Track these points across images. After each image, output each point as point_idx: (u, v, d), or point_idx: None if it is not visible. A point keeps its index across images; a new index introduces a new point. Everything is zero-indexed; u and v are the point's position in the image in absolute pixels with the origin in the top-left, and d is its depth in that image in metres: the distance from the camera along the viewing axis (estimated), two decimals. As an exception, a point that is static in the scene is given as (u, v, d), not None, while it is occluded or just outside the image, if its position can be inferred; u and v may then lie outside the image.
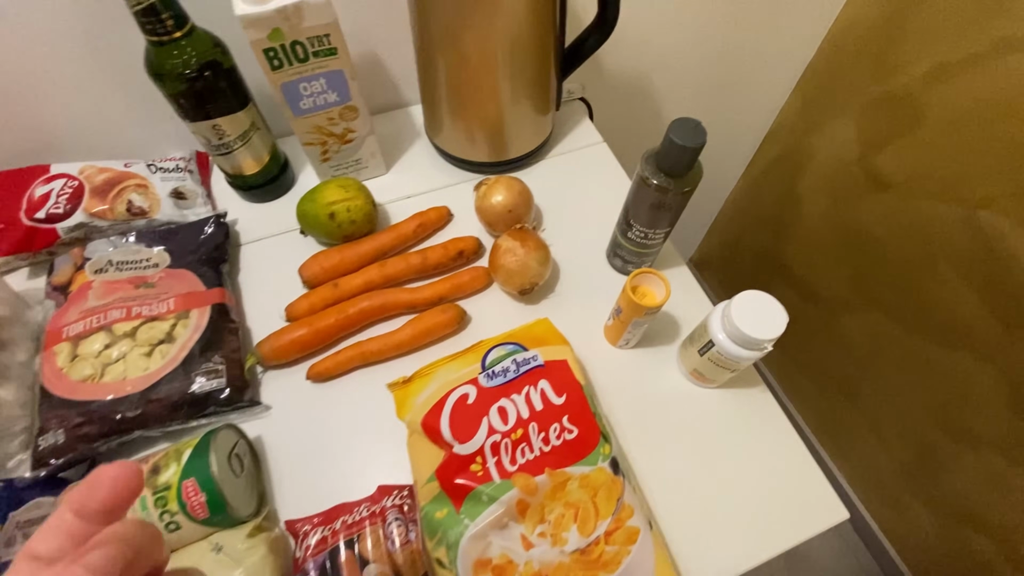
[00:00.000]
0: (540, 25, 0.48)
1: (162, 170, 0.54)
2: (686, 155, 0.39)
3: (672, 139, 0.38)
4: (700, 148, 0.39)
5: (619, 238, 0.49)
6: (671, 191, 0.41)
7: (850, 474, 1.14)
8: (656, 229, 0.46)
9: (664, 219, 0.45)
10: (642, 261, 0.51)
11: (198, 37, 0.44)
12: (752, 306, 0.39)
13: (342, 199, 0.49)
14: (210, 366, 0.44)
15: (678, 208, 0.44)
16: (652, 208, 0.44)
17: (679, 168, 0.40)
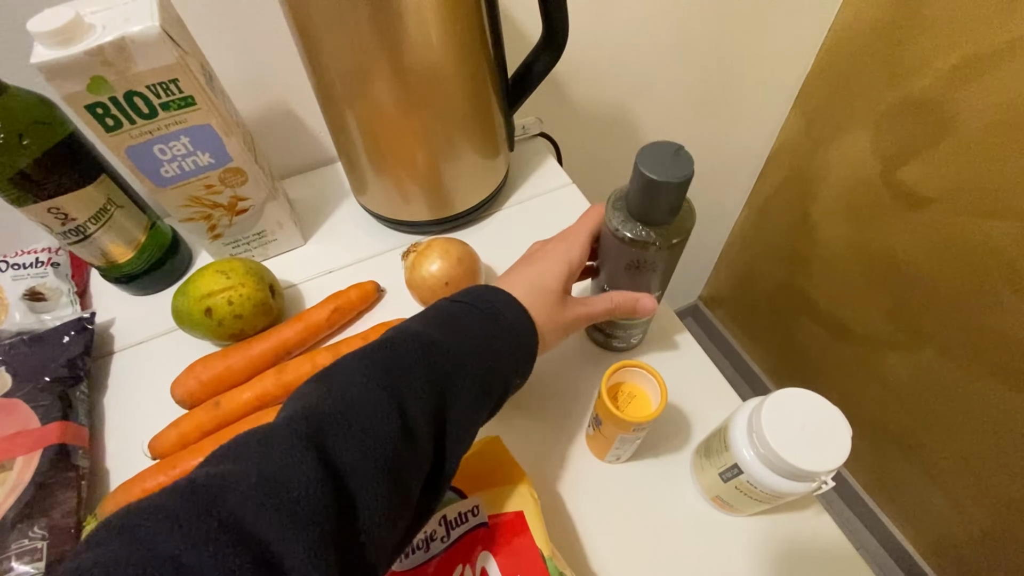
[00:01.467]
0: (466, 50, 0.38)
1: (16, 266, 0.43)
2: (667, 194, 0.27)
3: (644, 174, 0.26)
4: (686, 183, 0.27)
5: None
6: (653, 245, 0.29)
7: (917, 540, 0.96)
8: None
9: (650, 282, 0.33)
10: (629, 335, 0.38)
11: (13, 99, 0.33)
12: (793, 415, 0.25)
13: (221, 289, 0.37)
14: (26, 544, 0.31)
15: (667, 265, 0.32)
16: (631, 269, 0.31)
17: (660, 213, 0.28)
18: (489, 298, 0.28)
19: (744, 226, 1.08)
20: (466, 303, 0.27)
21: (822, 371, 1.02)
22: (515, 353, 0.27)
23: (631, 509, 0.34)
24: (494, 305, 0.27)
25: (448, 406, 0.23)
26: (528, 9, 0.40)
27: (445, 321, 0.26)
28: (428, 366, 0.23)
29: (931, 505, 0.90)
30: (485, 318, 0.26)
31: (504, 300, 0.28)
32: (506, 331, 0.27)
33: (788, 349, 1.09)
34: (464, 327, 0.26)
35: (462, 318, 0.26)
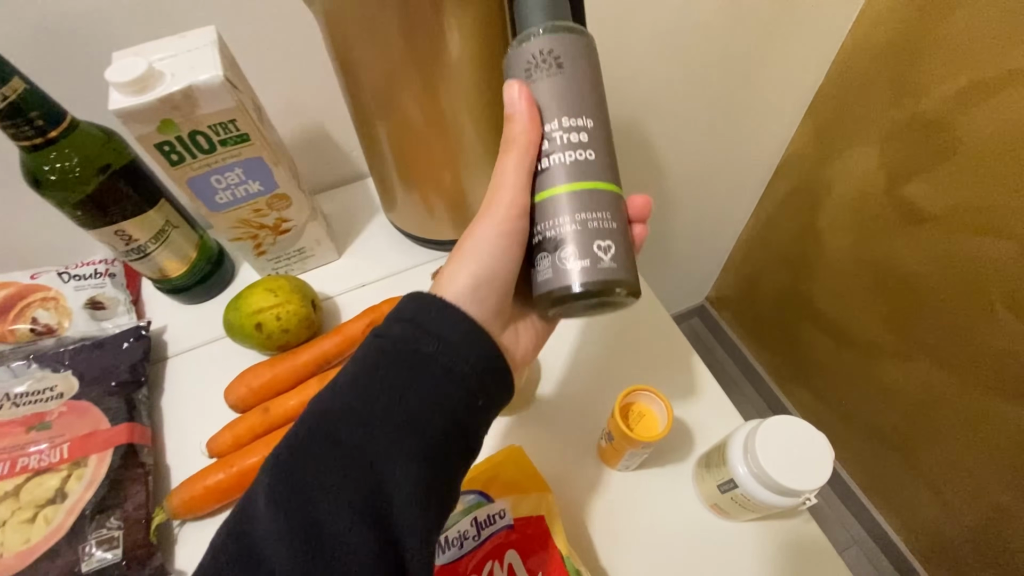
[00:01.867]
0: (492, 75, 0.40)
1: (76, 277, 0.47)
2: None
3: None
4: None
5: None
6: (545, 34, 0.24)
7: (909, 539, 1.00)
8: (564, 118, 0.24)
9: (566, 92, 0.25)
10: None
11: (83, 134, 0.37)
12: (785, 439, 0.29)
13: (270, 306, 0.41)
14: (104, 533, 0.35)
15: (576, 63, 0.25)
16: (539, 88, 0.24)
17: (541, 8, 0.25)
18: (424, 323, 0.22)
19: (752, 232, 1.10)
20: (394, 340, 0.22)
21: (823, 374, 1.05)
22: (470, 392, 0.22)
23: (638, 512, 0.38)
24: (430, 332, 0.21)
25: (389, 499, 0.19)
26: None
27: (365, 386, 0.21)
28: (343, 467, 0.19)
29: (922, 506, 0.93)
30: (419, 361, 0.21)
31: (443, 319, 0.22)
32: (453, 373, 0.21)
33: (791, 352, 1.12)
34: (390, 385, 0.21)
35: (388, 371, 0.21)
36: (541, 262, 0.23)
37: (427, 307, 0.22)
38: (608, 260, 0.22)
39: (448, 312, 0.22)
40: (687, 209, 0.99)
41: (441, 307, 0.22)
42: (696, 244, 1.12)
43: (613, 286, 0.22)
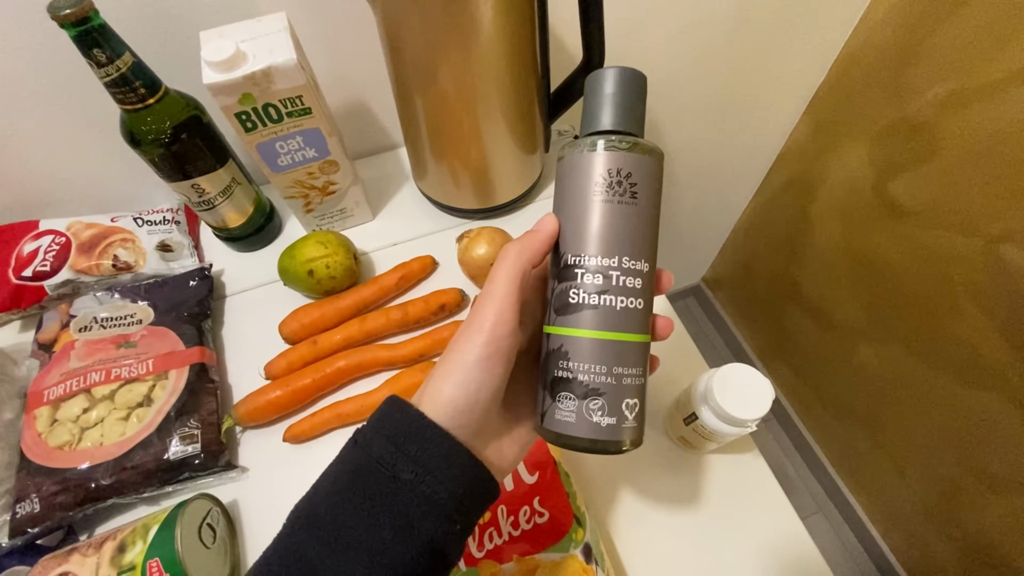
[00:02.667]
0: (519, 62, 0.46)
1: (148, 223, 0.55)
2: (637, 85, 0.25)
3: (610, 71, 0.25)
4: (643, 80, 0.25)
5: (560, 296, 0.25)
6: (633, 150, 0.24)
7: (871, 510, 1.09)
8: (625, 258, 0.24)
9: (635, 230, 0.24)
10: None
11: (172, 100, 0.44)
12: (737, 381, 0.36)
13: (321, 256, 0.48)
14: (186, 431, 0.44)
15: (649, 198, 0.24)
16: (607, 212, 0.23)
17: (624, 112, 0.25)
18: (404, 444, 0.21)
19: (750, 217, 1.17)
20: (373, 459, 0.21)
21: (803, 354, 1.13)
22: (448, 519, 0.21)
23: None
24: (409, 456, 0.21)
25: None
26: (574, 34, 0.49)
27: (342, 510, 0.21)
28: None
29: (884, 479, 1.02)
30: (396, 489, 0.21)
31: (423, 442, 0.21)
32: (431, 501, 0.21)
33: (776, 332, 1.20)
34: (367, 512, 0.20)
35: (365, 497, 0.21)
36: (565, 402, 0.23)
37: (408, 425, 0.22)
38: (632, 419, 0.23)
39: (428, 433, 0.21)
40: (690, 193, 1.05)
41: (421, 427, 0.22)
42: (696, 227, 1.19)
43: (629, 445, 0.23)
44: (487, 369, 0.22)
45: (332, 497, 0.22)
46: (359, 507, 0.21)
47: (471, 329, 0.23)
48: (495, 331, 0.23)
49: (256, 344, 0.50)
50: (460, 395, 0.22)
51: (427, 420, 0.22)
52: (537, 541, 0.35)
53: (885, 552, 1.06)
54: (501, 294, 0.23)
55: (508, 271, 0.24)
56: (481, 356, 0.22)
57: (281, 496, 0.43)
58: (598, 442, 0.23)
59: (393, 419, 0.23)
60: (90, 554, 0.37)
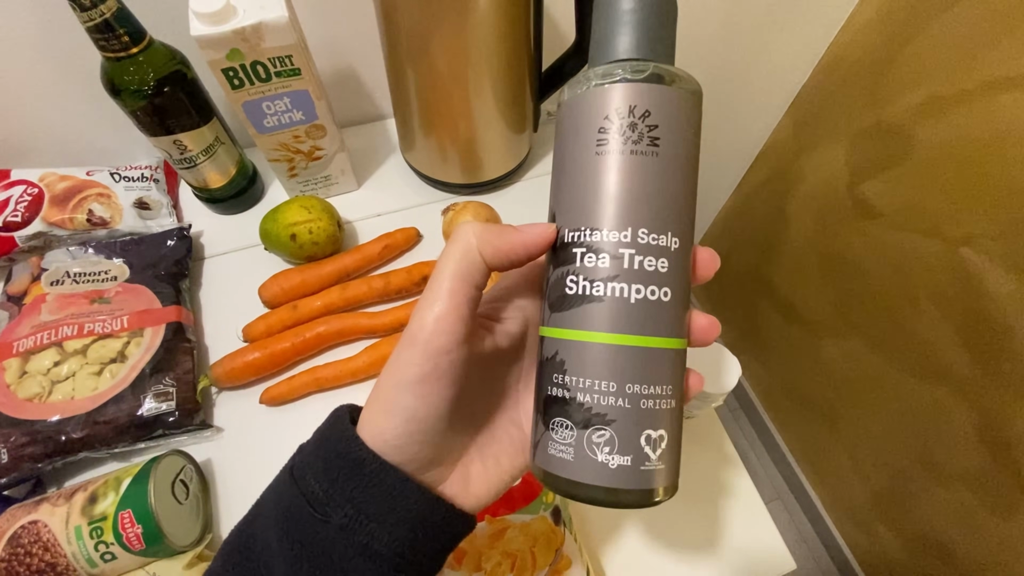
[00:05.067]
0: (513, 38, 0.47)
1: (126, 179, 0.53)
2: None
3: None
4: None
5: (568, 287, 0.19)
6: (648, 82, 0.18)
7: (825, 499, 1.14)
8: (643, 230, 0.18)
9: (657, 191, 0.18)
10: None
11: (156, 52, 0.43)
12: (705, 356, 0.38)
13: (304, 220, 0.48)
14: (160, 388, 0.43)
15: (678, 146, 0.18)
16: (617, 166, 0.18)
17: (644, 32, 0.18)
18: (340, 479, 0.18)
19: (729, 213, 1.19)
20: (306, 496, 0.18)
21: (771, 347, 1.17)
22: (392, 568, 0.18)
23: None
24: (344, 495, 0.18)
25: None
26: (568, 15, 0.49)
27: (269, 557, 0.18)
28: None
29: (839, 468, 1.07)
30: (328, 537, 0.18)
31: (360, 477, 0.18)
32: (369, 550, 0.17)
33: (747, 326, 1.23)
34: (295, 561, 0.18)
35: (293, 546, 0.18)
36: (560, 431, 0.18)
37: (345, 455, 0.18)
38: (655, 459, 0.17)
39: (368, 467, 0.18)
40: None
41: (359, 461, 0.18)
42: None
43: (651, 496, 0.17)
44: (420, 395, 0.18)
45: (265, 535, 0.19)
46: (287, 554, 0.18)
47: (405, 340, 0.18)
48: (430, 345, 0.18)
49: (235, 307, 0.50)
50: (388, 427, 0.18)
51: (366, 451, 0.18)
52: (509, 503, 0.36)
53: (838, 541, 1.11)
54: (442, 291, 0.18)
55: (454, 258, 0.18)
56: (411, 378, 0.18)
57: (256, 457, 0.43)
58: (601, 490, 0.17)
59: (331, 445, 0.19)
60: (60, 504, 0.36)
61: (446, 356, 0.18)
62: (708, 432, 0.47)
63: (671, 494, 0.18)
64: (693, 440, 0.46)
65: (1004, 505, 0.76)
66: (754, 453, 1.28)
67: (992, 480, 0.76)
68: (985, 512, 0.79)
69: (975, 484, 0.79)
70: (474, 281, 0.18)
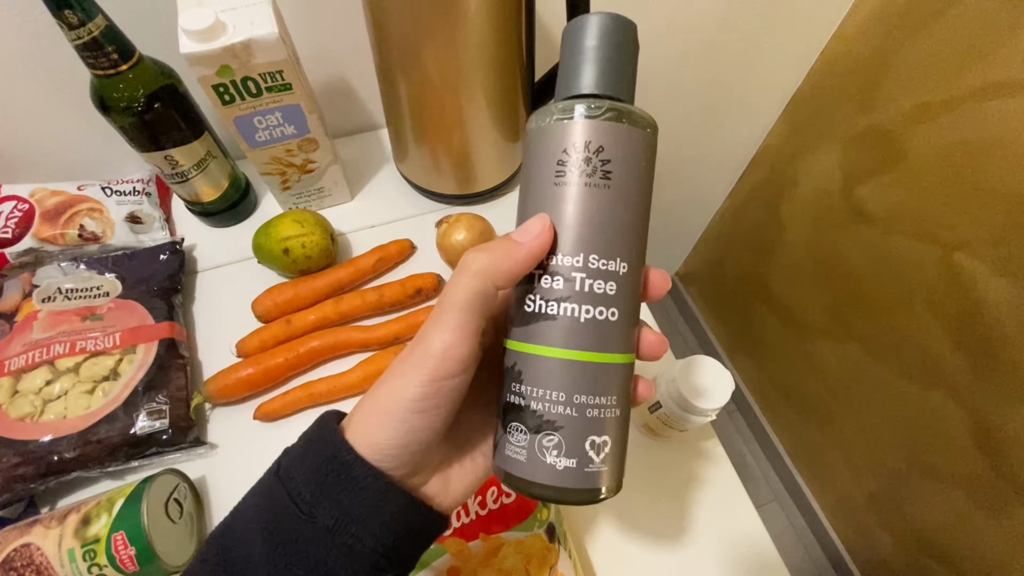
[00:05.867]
0: (505, 48, 0.46)
1: (118, 193, 0.53)
2: (611, 33, 0.20)
3: (594, 16, 0.20)
4: (630, 31, 0.21)
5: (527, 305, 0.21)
6: (602, 119, 0.19)
7: (823, 500, 1.15)
8: (593, 256, 0.19)
9: (607, 221, 0.19)
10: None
11: (146, 68, 0.42)
12: (699, 372, 0.38)
13: (297, 234, 0.48)
14: (153, 406, 0.43)
15: (630, 180, 0.19)
16: (570, 197, 0.19)
17: (603, 70, 0.20)
18: (327, 482, 0.19)
19: (724, 215, 1.19)
20: (291, 496, 0.19)
21: (767, 350, 1.17)
22: (374, 567, 0.19)
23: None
24: (330, 498, 0.18)
25: None
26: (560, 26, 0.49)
27: (256, 558, 0.18)
28: None
29: (835, 470, 1.07)
30: (314, 536, 0.18)
31: (347, 481, 0.18)
32: (353, 551, 0.18)
33: (743, 328, 1.24)
34: (281, 563, 0.18)
35: (278, 545, 0.18)
36: (515, 434, 0.19)
37: (333, 459, 0.19)
38: (598, 461, 0.19)
39: (355, 471, 0.18)
40: (667, 190, 1.07)
41: (347, 464, 0.18)
42: (672, 222, 1.21)
43: (595, 494, 0.19)
44: (424, 414, 0.19)
45: (246, 535, 0.19)
46: (271, 554, 0.18)
47: (411, 360, 0.19)
48: (439, 370, 0.18)
49: (228, 321, 0.50)
50: (387, 439, 0.19)
51: (354, 455, 0.19)
52: (503, 520, 0.36)
53: (835, 541, 1.12)
54: (453, 323, 0.19)
55: (465, 292, 0.19)
56: (417, 397, 0.18)
57: (250, 473, 0.43)
58: (550, 488, 0.19)
59: (319, 448, 0.20)
60: (53, 526, 0.36)
61: (450, 382, 0.19)
62: (701, 438, 0.47)
63: (615, 492, 0.20)
64: (687, 446, 0.46)
65: (998, 507, 0.76)
66: (751, 455, 1.29)
67: (986, 482, 0.76)
68: (979, 513, 0.79)
69: (969, 486, 0.79)
70: (484, 312, 0.19)
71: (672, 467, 0.46)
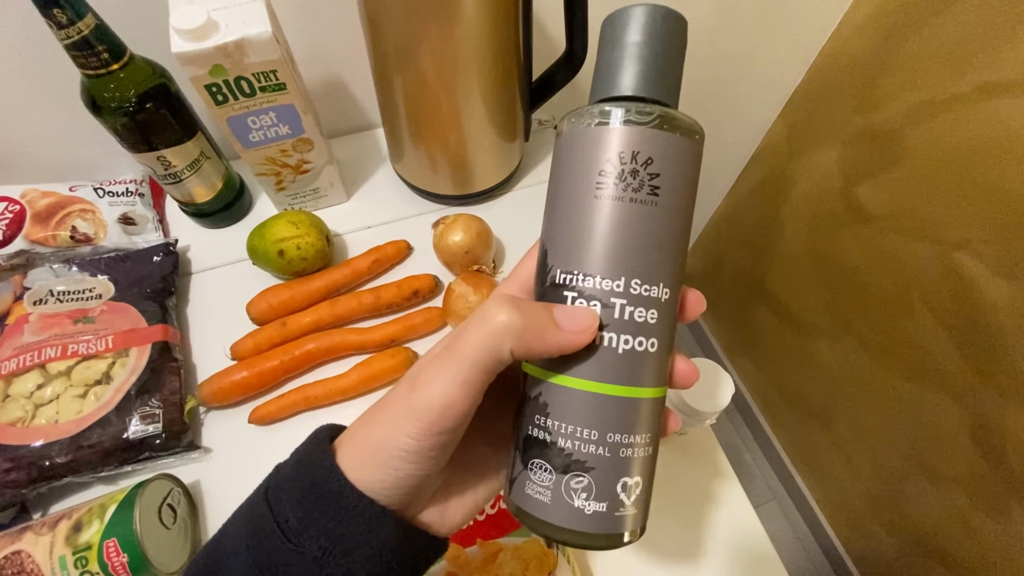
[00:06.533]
0: (502, 46, 0.46)
1: (110, 194, 0.52)
2: (662, 28, 0.18)
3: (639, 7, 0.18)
4: (683, 27, 0.19)
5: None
6: (653, 127, 0.17)
7: (821, 499, 1.15)
8: (636, 280, 0.18)
9: (653, 242, 0.18)
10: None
11: (137, 67, 0.42)
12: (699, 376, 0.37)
13: (292, 236, 0.47)
14: (146, 410, 0.43)
15: (678, 195, 0.18)
16: (614, 213, 0.17)
17: (652, 70, 0.18)
18: (316, 508, 0.18)
19: (723, 215, 1.19)
20: (278, 524, 0.18)
21: (766, 349, 1.17)
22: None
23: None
24: (319, 525, 0.17)
25: None
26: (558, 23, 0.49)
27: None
28: None
29: (834, 469, 1.07)
30: (301, 571, 0.17)
31: (337, 509, 0.18)
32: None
33: (742, 327, 1.23)
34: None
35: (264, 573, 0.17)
36: (538, 472, 0.18)
37: (324, 485, 0.18)
38: (629, 505, 0.18)
39: (346, 500, 0.17)
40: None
41: (338, 492, 0.18)
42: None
43: (621, 539, 0.18)
44: (418, 464, 0.17)
45: (233, 560, 0.18)
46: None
47: (408, 407, 0.17)
48: (436, 425, 0.17)
49: (222, 324, 0.49)
50: (378, 480, 0.18)
51: (344, 481, 0.18)
52: (500, 526, 0.36)
53: (833, 540, 1.12)
54: (460, 378, 0.17)
55: (480, 351, 0.17)
56: (412, 449, 0.17)
57: (245, 477, 0.42)
58: (577, 534, 0.17)
59: (309, 471, 0.19)
60: (44, 533, 0.36)
61: (449, 434, 0.18)
62: (700, 441, 0.46)
63: (639, 536, 0.18)
64: (685, 450, 0.46)
65: (996, 506, 0.76)
66: (749, 454, 1.29)
67: (985, 481, 0.76)
68: (978, 513, 0.79)
69: (968, 485, 0.79)
70: (495, 372, 0.18)
71: (671, 470, 0.45)
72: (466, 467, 0.21)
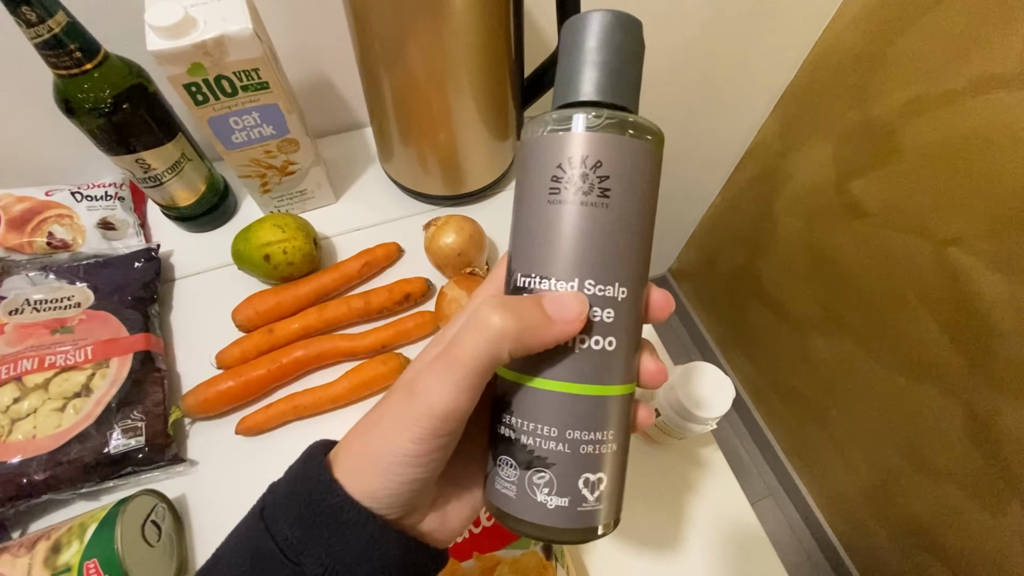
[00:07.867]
0: (492, 42, 0.44)
1: (89, 198, 0.51)
2: (613, 32, 0.18)
3: (596, 13, 0.18)
4: (635, 29, 0.19)
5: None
6: (600, 131, 0.17)
7: (817, 495, 1.15)
8: (589, 281, 0.18)
9: (605, 244, 0.18)
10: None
11: (113, 67, 0.40)
12: (699, 380, 0.37)
13: (278, 240, 0.46)
14: (128, 423, 0.41)
15: (631, 198, 0.18)
16: (565, 217, 0.18)
17: (604, 74, 0.18)
18: (315, 526, 0.17)
19: (716, 211, 1.19)
20: (277, 542, 0.17)
21: (761, 346, 1.16)
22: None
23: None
24: (320, 543, 0.17)
25: None
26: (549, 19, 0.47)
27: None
28: None
29: (830, 465, 1.07)
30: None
31: (335, 526, 0.17)
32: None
33: (737, 324, 1.23)
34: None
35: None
36: (504, 468, 0.18)
37: (321, 501, 0.17)
38: (593, 500, 0.18)
39: (346, 515, 0.17)
40: (660, 185, 1.06)
41: (336, 507, 0.17)
42: (664, 219, 1.20)
43: (590, 534, 0.18)
44: (419, 467, 0.17)
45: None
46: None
47: (408, 412, 0.17)
48: (438, 430, 0.17)
49: (207, 331, 0.48)
50: (380, 487, 0.17)
51: (344, 496, 0.17)
52: (498, 538, 0.35)
53: (829, 535, 1.12)
54: (461, 384, 0.17)
55: (479, 357, 0.17)
56: (413, 454, 0.17)
57: (233, 490, 0.41)
58: (541, 528, 0.17)
59: (306, 487, 0.18)
60: (21, 554, 0.34)
61: (450, 436, 0.18)
62: (696, 438, 0.45)
63: (612, 529, 0.19)
64: (685, 452, 0.45)
65: (992, 501, 0.76)
66: (745, 450, 1.29)
67: (980, 476, 0.76)
68: (973, 507, 0.79)
69: (963, 480, 0.79)
70: (492, 374, 0.18)
71: (670, 475, 0.44)
72: (462, 475, 0.21)
